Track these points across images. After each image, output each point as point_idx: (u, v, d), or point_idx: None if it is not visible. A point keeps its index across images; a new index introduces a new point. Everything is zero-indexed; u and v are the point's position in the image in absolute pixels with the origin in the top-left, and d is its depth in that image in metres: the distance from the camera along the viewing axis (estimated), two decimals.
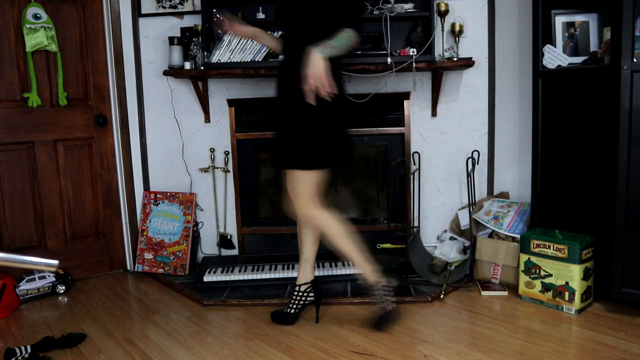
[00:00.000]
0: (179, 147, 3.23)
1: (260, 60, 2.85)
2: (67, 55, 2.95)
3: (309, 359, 2.04)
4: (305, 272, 2.37)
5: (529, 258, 2.49)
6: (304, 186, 2.17)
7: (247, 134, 3.17)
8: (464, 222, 3.03)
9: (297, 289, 2.37)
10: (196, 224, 3.23)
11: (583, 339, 2.12)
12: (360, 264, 2.24)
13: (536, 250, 2.46)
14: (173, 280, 2.97)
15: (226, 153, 3.20)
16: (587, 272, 2.38)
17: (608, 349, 2.02)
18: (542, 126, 2.60)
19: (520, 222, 2.73)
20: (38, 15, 2.80)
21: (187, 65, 2.90)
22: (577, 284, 2.34)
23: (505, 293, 2.61)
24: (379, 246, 3.16)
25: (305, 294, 2.36)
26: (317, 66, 1.98)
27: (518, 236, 2.64)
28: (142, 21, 3.11)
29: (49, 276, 2.82)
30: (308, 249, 2.37)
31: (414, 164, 3.05)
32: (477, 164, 3.01)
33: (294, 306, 2.37)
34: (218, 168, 3.21)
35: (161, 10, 3.08)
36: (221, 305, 2.61)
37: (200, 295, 2.69)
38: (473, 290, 2.68)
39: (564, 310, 2.39)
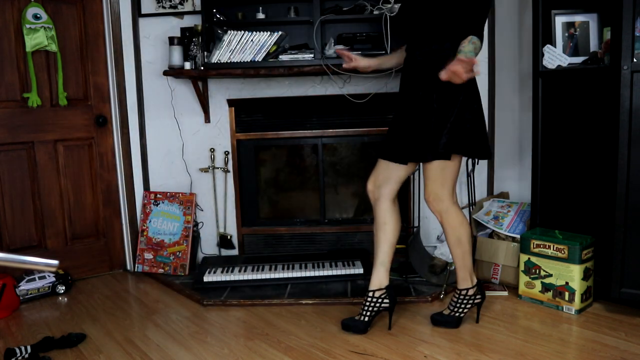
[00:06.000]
0: (179, 147, 3.23)
1: (260, 60, 2.85)
2: (67, 55, 2.95)
3: (309, 359, 2.04)
4: (379, 276, 2.22)
5: (529, 258, 2.49)
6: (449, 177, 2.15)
7: (247, 134, 3.18)
8: None
9: (370, 294, 2.21)
10: (196, 224, 3.22)
11: (583, 339, 2.13)
12: (467, 271, 2.22)
13: (536, 250, 2.46)
14: (173, 280, 2.97)
15: (226, 153, 3.20)
16: (587, 272, 2.38)
17: (608, 349, 2.02)
18: (542, 126, 2.60)
19: (520, 222, 2.73)
20: (38, 16, 2.80)
21: (187, 66, 2.90)
22: (577, 284, 2.34)
23: (505, 293, 2.61)
24: None
25: (380, 300, 2.22)
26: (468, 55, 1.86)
27: (518, 236, 2.64)
28: (142, 21, 3.11)
29: (49, 276, 2.82)
30: (384, 251, 2.22)
31: None
32: (477, 164, 3.00)
33: (367, 313, 2.22)
34: (218, 168, 3.21)
35: (161, 11, 3.07)
36: (221, 305, 2.61)
37: (200, 296, 2.69)
38: None
39: (564, 310, 2.39)
